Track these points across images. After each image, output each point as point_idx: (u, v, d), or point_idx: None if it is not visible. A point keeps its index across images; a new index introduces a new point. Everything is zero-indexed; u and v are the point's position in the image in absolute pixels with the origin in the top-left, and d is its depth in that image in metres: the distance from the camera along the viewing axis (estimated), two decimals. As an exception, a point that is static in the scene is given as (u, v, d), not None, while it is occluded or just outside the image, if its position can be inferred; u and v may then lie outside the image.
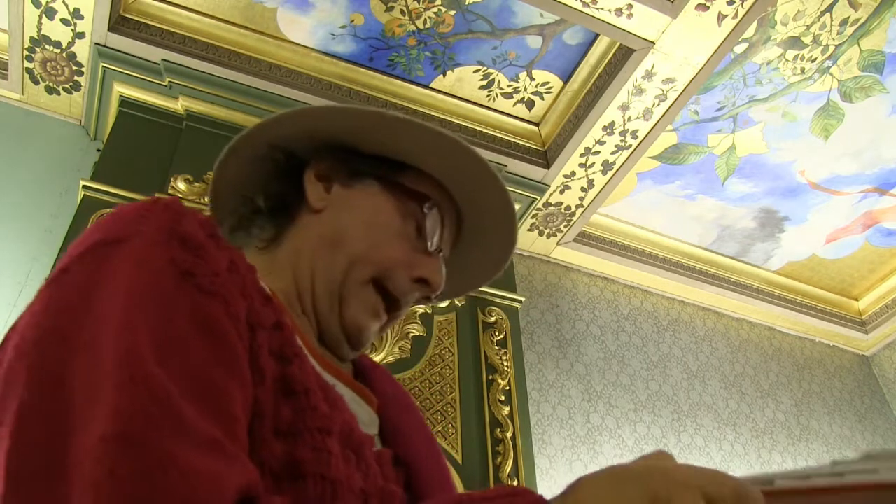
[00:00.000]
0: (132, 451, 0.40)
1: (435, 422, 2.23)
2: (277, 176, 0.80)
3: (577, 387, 3.09)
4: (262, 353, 0.53)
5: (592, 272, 3.51)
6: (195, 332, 0.49)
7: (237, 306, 0.53)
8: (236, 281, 0.55)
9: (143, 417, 0.42)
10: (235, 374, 0.50)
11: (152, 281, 0.50)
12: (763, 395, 3.54)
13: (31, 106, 2.74)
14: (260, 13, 2.67)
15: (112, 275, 0.50)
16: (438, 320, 2.49)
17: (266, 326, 0.55)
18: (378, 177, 0.79)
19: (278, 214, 0.78)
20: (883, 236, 3.59)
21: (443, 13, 2.68)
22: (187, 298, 0.50)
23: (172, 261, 0.52)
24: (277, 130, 0.80)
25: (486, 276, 0.93)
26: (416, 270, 0.76)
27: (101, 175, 2.32)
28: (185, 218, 0.55)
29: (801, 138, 3.12)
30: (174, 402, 0.44)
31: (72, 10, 2.45)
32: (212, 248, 0.55)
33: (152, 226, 0.54)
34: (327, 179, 0.79)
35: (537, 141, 3.10)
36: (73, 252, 0.54)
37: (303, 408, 0.54)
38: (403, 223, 0.77)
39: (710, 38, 2.59)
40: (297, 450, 0.52)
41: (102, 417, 0.42)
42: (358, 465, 0.56)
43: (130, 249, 0.52)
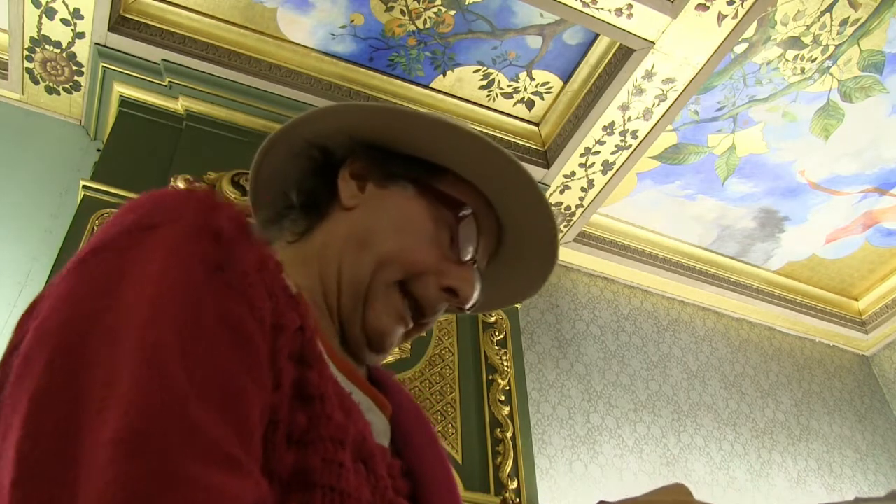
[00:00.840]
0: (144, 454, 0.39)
1: (435, 422, 2.23)
2: (313, 172, 0.79)
3: (577, 387, 3.09)
4: (281, 356, 0.52)
5: (592, 272, 3.51)
6: (221, 331, 0.48)
7: (263, 308, 0.52)
8: (265, 280, 0.54)
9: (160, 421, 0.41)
10: (257, 379, 0.49)
11: (182, 273, 0.49)
12: (763, 395, 3.54)
13: (31, 106, 2.74)
14: (260, 13, 2.67)
15: (142, 262, 0.49)
16: (438, 320, 2.48)
17: (289, 329, 0.54)
18: (414, 180, 0.77)
19: (311, 210, 0.77)
20: (883, 236, 3.59)
21: (443, 13, 2.68)
22: (216, 295, 0.49)
23: (204, 256, 0.51)
24: (314, 127, 0.79)
25: (524, 292, 0.89)
26: (445, 279, 0.73)
27: (101, 175, 2.32)
28: (219, 211, 0.54)
29: (801, 138, 3.12)
30: (190, 410, 0.43)
31: (72, 10, 2.45)
32: (243, 245, 0.54)
33: (187, 216, 0.53)
34: (362, 178, 0.78)
35: (537, 141, 3.10)
36: (103, 233, 0.53)
37: (318, 415, 0.53)
38: (437, 229, 0.74)
39: (710, 38, 2.59)
40: (307, 459, 0.51)
41: (116, 413, 0.41)
42: (367, 478, 0.55)
43: (163, 238, 0.51)
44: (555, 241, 0.83)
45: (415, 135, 0.77)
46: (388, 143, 0.78)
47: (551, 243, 0.83)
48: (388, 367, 2.38)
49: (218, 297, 0.49)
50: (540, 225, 0.81)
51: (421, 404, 2.24)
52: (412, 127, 0.76)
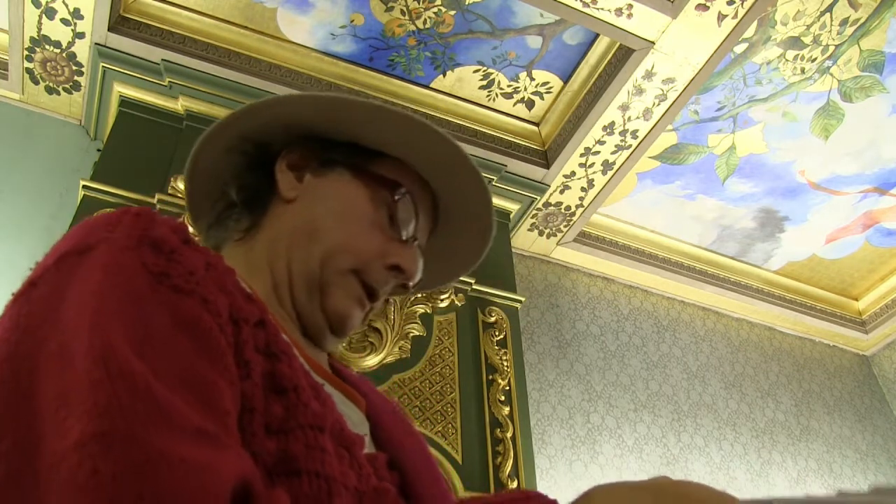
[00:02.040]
0: (116, 447, 0.38)
1: (435, 422, 2.23)
2: (249, 168, 0.79)
3: (577, 387, 3.09)
4: (247, 347, 0.52)
5: (592, 272, 3.51)
6: (174, 330, 0.47)
7: (218, 302, 0.51)
8: (214, 278, 0.54)
9: (125, 412, 0.40)
10: (221, 368, 0.48)
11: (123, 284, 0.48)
12: (763, 395, 3.54)
13: (31, 106, 2.74)
14: (260, 13, 2.67)
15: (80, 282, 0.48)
16: (438, 320, 2.49)
17: (250, 322, 0.54)
18: (350, 165, 0.78)
19: (253, 205, 0.78)
20: (883, 236, 3.59)
21: (443, 13, 2.68)
22: (163, 299, 0.49)
23: (144, 265, 0.50)
24: (247, 122, 0.79)
25: (466, 264, 0.91)
26: (389, 258, 0.75)
27: (101, 175, 2.32)
28: (156, 224, 0.54)
29: (801, 138, 3.12)
30: (158, 394, 0.42)
31: (72, 10, 2.45)
32: (186, 251, 0.53)
33: (122, 232, 0.52)
34: (299, 169, 0.79)
35: (537, 141, 3.10)
36: (41, 264, 0.52)
37: (294, 405, 0.53)
38: (376, 211, 0.76)
39: (710, 38, 2.59)
40: (290, 446, 0.50)
41: (78, 418, 0.39)
42: (351, 464, 0.55)
43: (98, 256, 0.50)
44: (489, 210, 0.85)
45: (347, 120, 0.78)
46: (321, 131, 0.79)
47: (486, 213, 0.85)
48: (388, 367, 2.38)
49: (165, 299, 0.49)
50: (474, 196, 0.83)
51: (421, 404, 2.25)
52: (343, 113, 0.77)
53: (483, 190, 0.83)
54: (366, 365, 2.24)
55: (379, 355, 2.27)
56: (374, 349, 2.28)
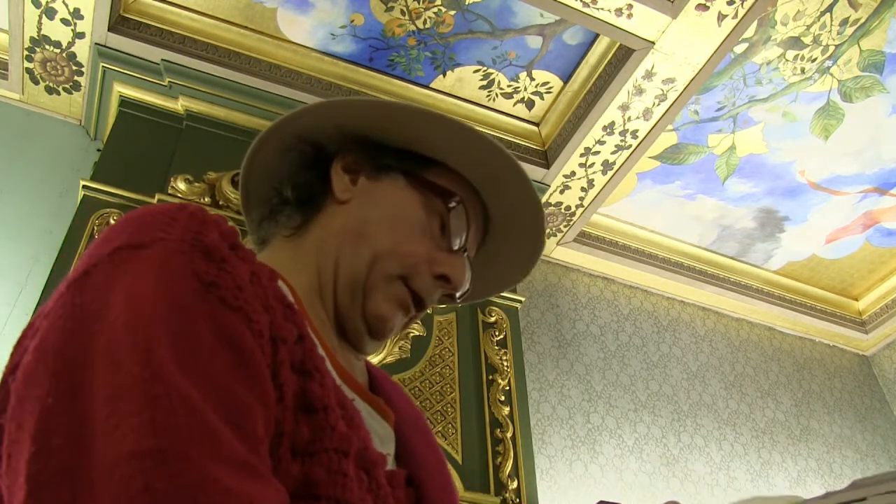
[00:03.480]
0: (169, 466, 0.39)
1: (435, 422, 2.23)
2: (305, 167, 0.80)
3: (577, 387, 3.09)
4: (283, 368, 0.52)
5: (592, 272, 3.51)
6: (218, 346, 0.48)
7: (260, 322, 0.52)
8: (259, 293, 0.54)
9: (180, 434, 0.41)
10: (259, 392, 0.48)
11: (174, 290, 0.49)
12: (763, 395, 3.54)
13: (31, 106, 2.74)
14: (260, 13, 2.67)
15: (133, 281, 0.49)
16: (438, 320, 2.49)
17: (289, 340, 0.54)
18: (404, 171, 0.78)
19: (305, 205, 0.78)
20: (883, 236, 3.59)
21: (443, 13, 2.68)
22: (210, 311, 0.49)
23: (195, 272, 0.50)
24: (305, 122, 0.80)
25: (511, 279, 0.91)
26: (437, 267, 0.75)
27: (101, 175, 2.32)
28: (209, 227, 0.54)
29: (801, 138, 3.12)
30: (209, 420, 0.43)
31: (72, 10, 2.45)
32: (235, 261, 0.54)
33: (176, 233, 0.52)
34: (354, 172, 0.79)
35: (537, 141, 3.10)
36: (94, 253, 0.52)
37: (321, 426, 0.53)
38: (428, 219, 0.76)
39: (710, 38, 2.59)
40: (312, 471, 0.51)
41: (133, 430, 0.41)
42: (370, 487, 0.55)
43: (153, 255, 0.50)
44: (541, 228, 0.85)
45: (404, 127, 0.78)
46: (377, 136, 0.80)
47: (538, 230, 0.85)
48: (388, 367, 2.38)
49: (212, 312, 0.49)
50: (527, 213, 0.83)
51: (421, 404, 2.25)
52: (401, 119, 0.78)
53: (536, 206, 0.83)
54: (366, 365, 2.24)
55: (379, 355, 2.27)
56: (374, 349, 2.28)
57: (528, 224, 0.84)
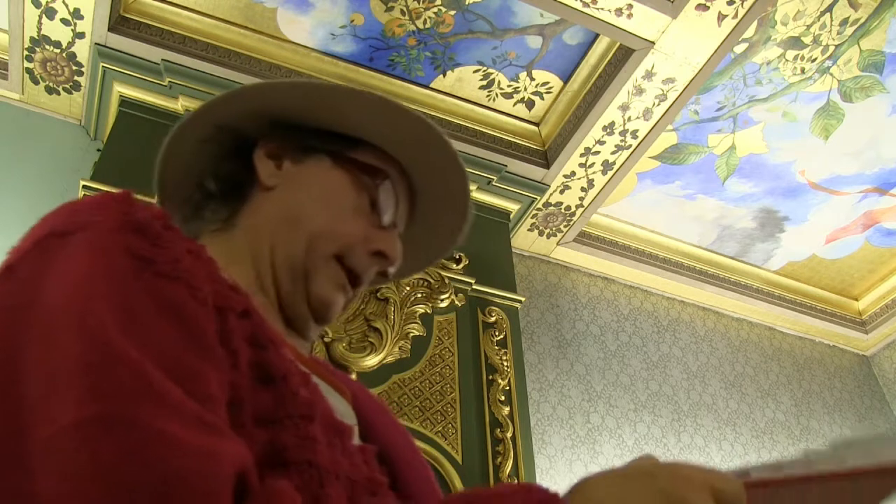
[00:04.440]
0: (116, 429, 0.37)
1: (435, 422, 2.23)
2: (227, 158, 0.79)
3: (577, 387, 3.09)
4: (234, 336, 0.51)
5: (592, 272, 3.51)
6: (160, 316, 0.46)
7: (203, 290, 0.50)
8: (199, 265, 0.53)
9: (124, 394, 0.39)
10: (208, 356, 0.47)
11: (109, 267, 0.47)
12: (763, 395, 3.54)
13: (31, 106, 2.74)
14: (260, 13, 2.67)
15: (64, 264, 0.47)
16: (438, 320, 2.49)
17: (235, 311, 0.53)
18: (329, 152, 0.78)
19: (230, 195, 0.77)
20: (883, 236, 3.59)
21: (443, 13, 2.68)
22: (148, 284, 0.47)
23: (129, 249, 0.49)
24: (222, 111, 0.78)
25: (442, 249, 0.91)
26: (372, 244, 0.75)
27: (101, 175, 2.32)
28: (140, 209, 0.53)
29: (801, 138, 3.12)
30: (155, 380, 0.41)
31: (72, 10, 2.45)
32: (169, 237, 0.52)
33: (106, 216, 0.51)
34: (278, 157, 0.78)
35: (537, 141, 3.10)
36: (20, 247, 0.51)
37: (283, 394, 0.52)
38: (358, 197, 0.76)
39: (710, 38, 2.59)
40: (280, 437, 0.49)
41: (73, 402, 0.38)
42: (343, 453, 0.54)
43: (84, 238, 0.49)
44: (466, 195, 0.85)
45: (323, 107, 0.77)
46: (299, 118, 0.79)
47: (463, 198, 0.85)
48: (388, 367, 2.38)
49: (151, 285, 0.48)
50: (452, 182, 0.83)
51: (421, 404, 2.25)
52: (320, 99, 0.77)
53: (461, 175, 0.83)
54: (366, 365, 2.24)
55: (379, 355, 2.27)
56: (374, 349, 2.28)
57: (455, 195, 0.85)
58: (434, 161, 0.82)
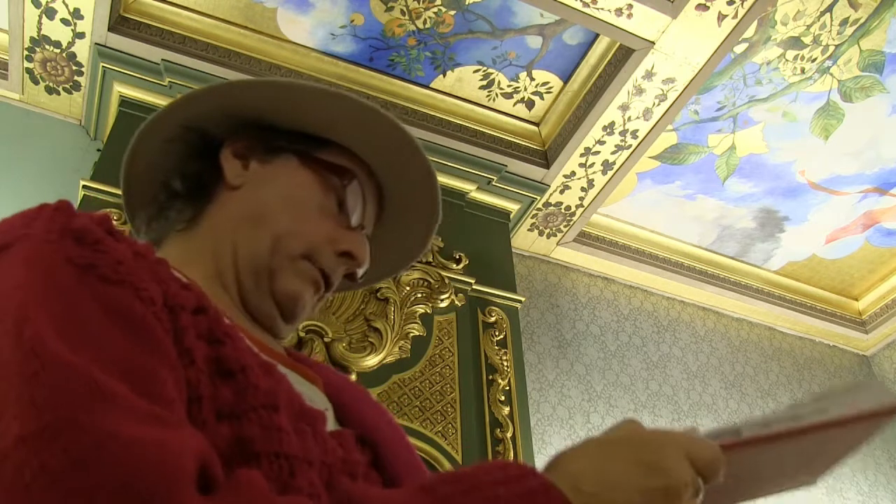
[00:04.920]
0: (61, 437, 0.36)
1: (435, 422, 2.23)
2: (193, 157, 0.78)
3: (577, 387, 3.09)
4: (187, 334, 0.50)
5: (592, 272, 3.51)
6: (107, 320, 0.45)
7: (150, 290, 0.49)
8: (145, 267, 0.52)
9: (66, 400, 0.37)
10: (160, 356, 0.46)
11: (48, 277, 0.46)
12: (763, 395, 3.54)
13: (31, 106, 2.74)
14: (260, 13, 2.67)
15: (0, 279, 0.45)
16: (438, 320, 2.49)
17: (187, 308, 0.52)
18: (297, 152, 0.77)
19: (196, 195, 0.76)
20: (883, 236, 3.59)
21: (443, 13, 2.67)
22: (91, 290, 0.46)
23: (68, 258, 0.47)
24: (189, 111, 0.78)
25: (412, 253, 0.90)
26: (339, 245, 0.74)
27: (101, 175, 2.32)
28: (77, 217, 0.52)
29: (801, 138, 3.12)
30: (99, 378, 0.39)
31: (72, 10, 2.45)
32: (111, 242, 0.51)
33: (41, 227, 0.50)
34: (244, 157, 0.77)
35: (537, 141, 3.10)
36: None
37: (243, 387, 0.51)
38: (325, 198, 0.75)
39: (710, 38, 2.59)
40: (244, 429, 0.48)
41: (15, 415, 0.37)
42: (315, 438, 0.53)
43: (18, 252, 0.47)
44: (436, 199, 0.84)
45: (291, 106, 0.77)
46: (266, 118, 0.78)
47: (433, 201, 0.84)
48: (388, 367, 2.38)
49: (93, 291, 0.46)
50: (422, 185, 0.82)
51: (421, 404, 2.25)
52: (287, 98, 0.76)
53: (430, 178, 0.82)
54: (366, 365, 2.24)
55: (379, 355, 2.27)
56: (374, 349, 2.28)
57: (424, 195, 0.84)
58: (403, 163, 0.80)
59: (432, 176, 0.82)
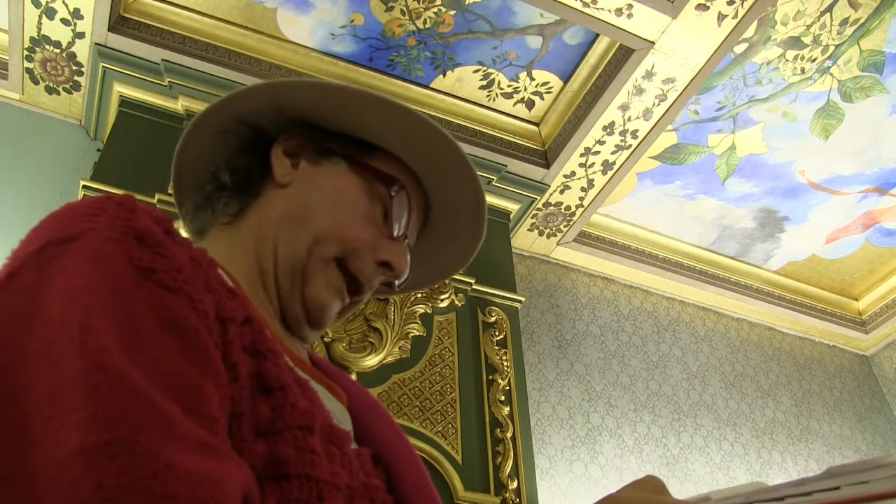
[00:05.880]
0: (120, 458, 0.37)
1: (435, 422, 2.23)
2: (244, 151, 0.78)
3: (577, 387, 3.09)
4: (234, 348, 0.50)
5: (592, 272, 3.51)
6: (162, 331, 0.45)
7: (204, 301, 0.50)
8: (200, 275, 0.52)
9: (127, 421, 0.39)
10: (209, 372, 0.46)
11: (110, 279, 0.46)
12: (763, 395, 3.54)
13: (31, 106, 2.74)
14: (260, 13, 2.67)
15: (64, 275, 0.46)
16: (438, 320, 2.49)
17: (237, 321, 0.53)
18: (346, 156, 0.77)
19: (243, 189, 0.76)
20: (883, 236, 3.59)
21: (443, 13, 2.68)
22: (149, 296, 0.47)
23: (130, 259, 0.48)
24: (244, 104, 0.78)
25: (451, 267, 0.90)
26: (380, 254, 0.74)
27: (101, 175, 2.32)
28: (140, 214, 0.52)
29: (801, 138, 3.12)
30: (158, 404, 0.40)
31: (72, 10, 2.45)
32: (170, 245, 0.51)
33: (105, 222, 0.50)
34: (295, 156, 0.77)
35: (537, 141, 3.10)
36: (19, 254, 0.50)
37: (281, 405, 0.51)
38: (370, 205, 0.75)
39: (710, 38, 2.59)
40: (279, 449, 0.49)
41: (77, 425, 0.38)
42: (342, 462, 0.54)
43: (84, 247, 0.48)
44: (482, 218, 0.84)
45: (346, 110, 0.77)
46: (320, 119, 0.78)
47: (479, 220, 0.84)
48: (388, 367, 2.38)
49: (152, 297, 0.47)
50: (469, 202, 0.82)
51: (421, 404, 2.25)
52: (343, 102, 0.76)
53: (478, 195, 0.82)
54: (366, 365, 2.24)
55: (379, 355, 2.27)
56: (374, 349, 2.28)
57: (470, 214, 0.84)
58: (452, 178, 0.80)
59: (481, 196, 0.82)
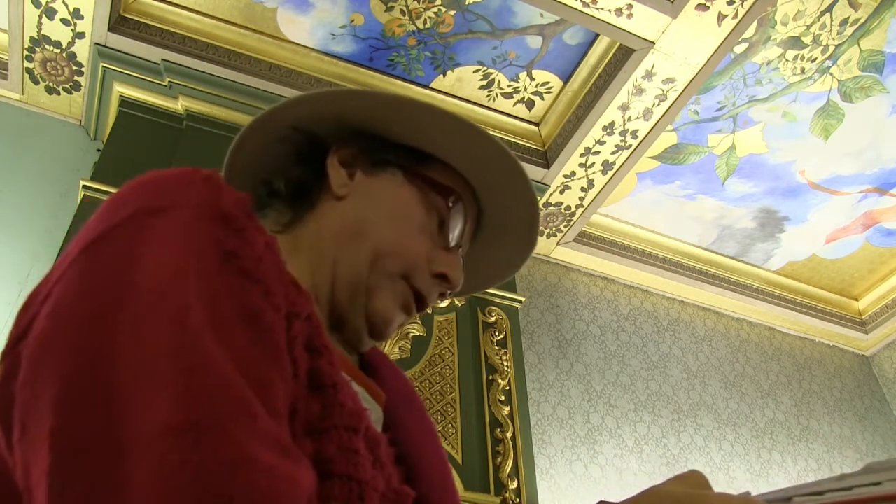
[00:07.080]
0: (206, 442, 0.38)
1: (435, 422, 2.23)
2: (298, 159, 0.77)
3: (577, 387, 3.09)
4: (297, 344, 0.51)
5: (592, 272, 3.51)
6: (241, 319, 0.46)
7: (278, 295, 0.50)
8: (275, 265, 0.52)
9: (216, 407, 0.40)
10: (278, 368, 0.47)
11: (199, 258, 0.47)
12: (763, 395, 3.54)
13: (31, 106, 2.74)
14: (260, 13, 2.67)
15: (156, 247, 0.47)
16: (438, 320, 2.49)
17: (301, 316, 0.53)
18: (402, 167, 0.76)
19: (298, 199, 0.75)
20: (883, 236, 3.59)
21: (443, 13, 2.68)
22: (232, 282, 0.47)
23: (217, 241, 0.48)
24: (299, 112, 0.77)
25: (500, 275, 0.90)
26: (436, 266, 0.73)
27: (101, 175, 2.32)
28: (225, 193, 0.52)
29: (801, 138, 3.12)
30: (245, 394, 0.42)
31: (72, 10, 2.45)
32: (252, 230, 0.52)
33: (195, 198, 0.50)
34: (350, 166, 0.76)
35: (537, 141, 3.10)
36: (107, 217, 0.50)
37: (331, 403, 0.52)
38: (427, 217, 0.74)
39: (710, 38, 2.59)
40: (324, 448, 0.50)
41: (168, 402, 0.39)
42: (379, 465, 0.54)
43: (176, 222, 0.48)
44: (535, 229, 0.84)
45: (404, 120, 0.76)
46: (376, 129, 0.78)
47: (532, 230, 0.84)
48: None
49: (235, 284, 0.48)
50: (523, 213, 0.82)
51: (421, 404, 2.25)
52: (403, 112, 0.76)
53: (533, 207, 0.82)
54: (366, 365, 2.24)
55: (379, 355, 2.27)
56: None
57: (523, 224, 0.83)
58: (507, 188, 0.80)
59: (535, 209, 0.82)
